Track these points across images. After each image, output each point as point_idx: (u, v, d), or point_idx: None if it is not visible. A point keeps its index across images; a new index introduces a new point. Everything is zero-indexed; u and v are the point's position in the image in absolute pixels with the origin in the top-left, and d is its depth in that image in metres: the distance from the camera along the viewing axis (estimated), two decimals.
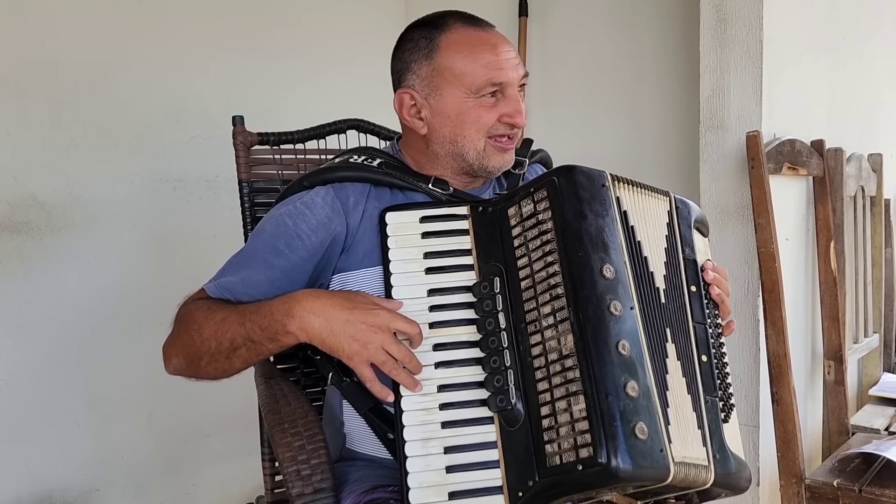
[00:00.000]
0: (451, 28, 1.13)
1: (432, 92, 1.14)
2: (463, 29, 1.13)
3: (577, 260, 0.95)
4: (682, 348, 1.00)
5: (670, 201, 1.10)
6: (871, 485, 1.57)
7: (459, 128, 1.14)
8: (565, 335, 0.92)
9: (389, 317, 0.98)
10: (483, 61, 1.11)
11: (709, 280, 1.10)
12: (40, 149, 1.91)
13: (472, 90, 1.11)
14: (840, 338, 1.93)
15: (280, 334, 1.00)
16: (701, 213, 1.16)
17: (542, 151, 1.36)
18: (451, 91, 1.12)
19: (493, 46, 1.12)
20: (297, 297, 1.01)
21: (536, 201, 1.01)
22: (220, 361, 1.06)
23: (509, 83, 1.12)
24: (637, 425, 0.88)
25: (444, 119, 1.14)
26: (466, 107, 1.12)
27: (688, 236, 1.10)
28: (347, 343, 0.97)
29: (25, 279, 1.89)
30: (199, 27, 2.19)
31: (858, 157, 2.10)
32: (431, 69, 1.13)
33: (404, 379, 0.97)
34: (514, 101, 1.13)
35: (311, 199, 1.14)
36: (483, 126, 1.13)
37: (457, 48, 1.12)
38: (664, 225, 1.07)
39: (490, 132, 1.13)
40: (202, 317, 1.07)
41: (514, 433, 0.94)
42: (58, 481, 1.96)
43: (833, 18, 2.08)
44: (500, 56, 1.12)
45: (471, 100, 1.12)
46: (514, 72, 1.13)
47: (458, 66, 1.11)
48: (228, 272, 1.12)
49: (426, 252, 1.06)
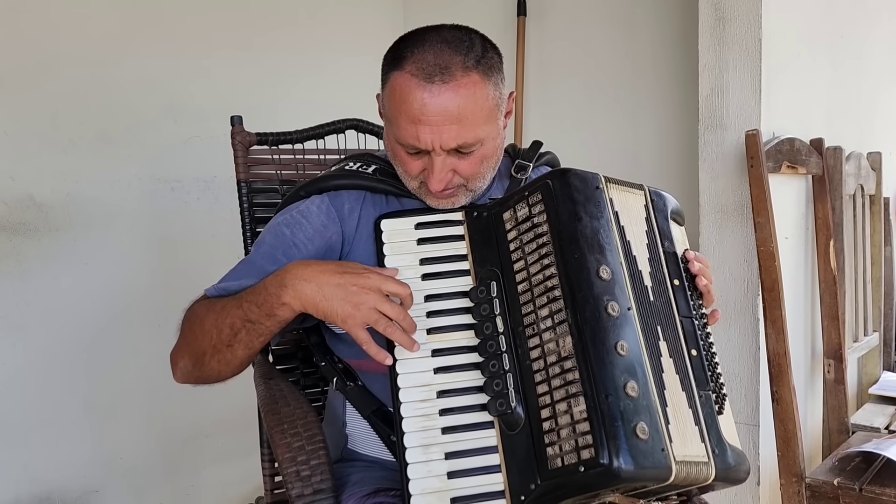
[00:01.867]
0: (402, 69, 1.05)
1: (384, 115, 1.12)
2: (408, 77, 1.04)
3: (574, 262, 0.94)
4: (672, 344, 1.00)
5: (646, 195, 1.09)
6: (872, 483, 1.57)
7: (394, 162, 1.13)
8: (564, 337, 0.92)
9: (380, 279, 0.98)
10: (406, 123, 1.05)
11: (695, 271, 1.09)
12: (38, 149, 1.90)
13: (398, 140, 1.08)
14: (840, 336, 1.93)
15: (276, 307, 0.99)
16: (676, 203, 1.14)
17: (549, 154, 1.33)
18: (389, 127, 1.10)
19: (420, 110, 1.03)
20: (288, 268, 1.01)
21: (531, 204, 1.00)
22: (222, 352, 1.05)
23: (429, 149, 1.05)
24: (638, 425, 0.87)
25: (387, 146, 1.13)
26: (396, 150, 1.10)
27: (665, 229, 1.09)
28: (340, 306, 0.96)
29: (23, 280, 1.88)
30: (197, 27, 2.19)
31: (857, 156, 2.10)
32: (383, 96, 1.11)
33: (399, 337, 0.97)
34: (434, 166, 1.06)
35: (307, 208, 1.15)
36: (409, 173, 1.10)
37: (392, 94, 1.06)
38: (643, 220, 1.07)
39: (419, 179, 1.10)
40: (203, 311, 1.07)
41: (514, 437, 0.94)
42: (57, 482, 1.95)
43: (831, 16, 2.08)
44: (422, 123, 1.03)
45: (399, 146, 1.09)
46: (437, 139, 1.04)
47: (391, 112, 1.07)
48: (229, 278, 1.12)
49: (422, 258, 1.06)
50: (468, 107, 1.04)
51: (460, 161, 1.08)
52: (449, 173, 1.08)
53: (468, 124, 1.04)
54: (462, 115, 1.03)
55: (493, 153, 1.11)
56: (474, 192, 1.13)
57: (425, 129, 1.04)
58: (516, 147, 1.31)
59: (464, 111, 1.03)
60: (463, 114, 1.03)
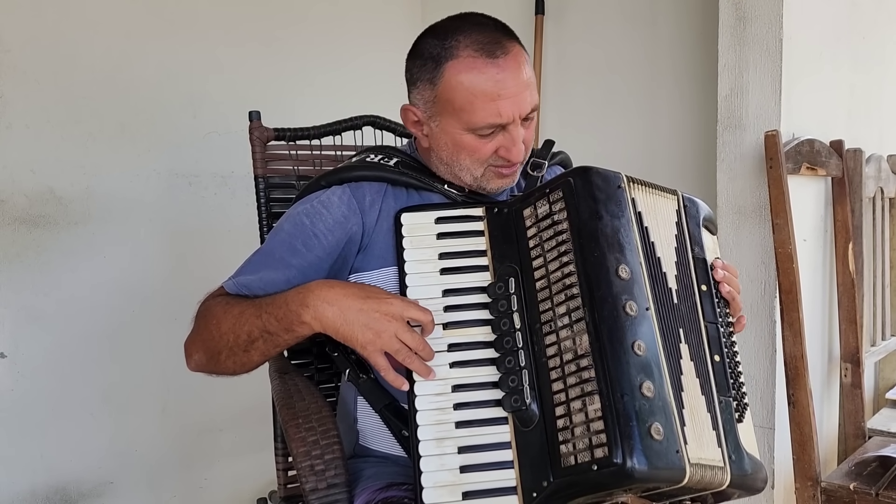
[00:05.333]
0: (458, 57, 1.06)
1: (433, 116, 1.12)
2: (471, 60, 1.06)
3: (593, 260, 0.94)
4: (694, 349, 1.00)
5: (678, 200, 1.09)
6: (889, 489, 1.55)
7: (456, 156, 1.13)
8: (580, 335, 0.92)
9: (402, 305, 0.99)
10: (484, 103, 1.06)
11: (718, 279, 1.09)
12: (58, 143, 1.92)
13: (469, 127, 1.09)
14: (857, 340, 1.91)
15: (295, 324, 1.00)
16: (709, 211, 1.15)
17: (562, 153, 1.34)
18: (450, 121, 1.10)
19: (498, 84, 1.06)
20: (312, 287, 1.01)
21: (552, 202, 1.00)
22: (238, 355, 1.06)
23: (510, 121, 1.08)
24: (653, 426, 0.87)
25: (443, 144, 1.13)
26: (464, 140, 1.10)
27: (696, 235, 1.09)
28: (361, 332, 0.97)
29: (42, 272, 1.90)
30: (217, 23, 2.20)
31: (878, 158, 2.08)
32: (433, 95, 1.10)
33: (418, 367, 0.97)
34: (513, 137, 1.09)
35: (328, 199, 1.14)
36: (479, 158, 1.11)
37: (459, 83, 1.06)
38: (673, 224, 1.07)
39: (488, 162, 1.12)
40: (220, 312, 1.07)
41: (528, 433, 0.94)
42: (72, 474, 1.97)
43: (853, 18, 2.06)
44: (502, 97, 1.06)
45: (469, 136, 1.09)
46: (517, 108, 1.07)
47: (458, 101, 1.07)
48: (247, 270, 1.12)
49: (441, 253, 1.06)
50: (528, 72, 1.10)
51: (527, 132, 1.12)
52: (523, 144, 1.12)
53: (533, 88, 1.10)
54: (529, 80, 1.09)
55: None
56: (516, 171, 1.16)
57: (506, 103, 1.06)
58: None
59: (529, 76, 1.09)
60: (529, 78, 1.09)
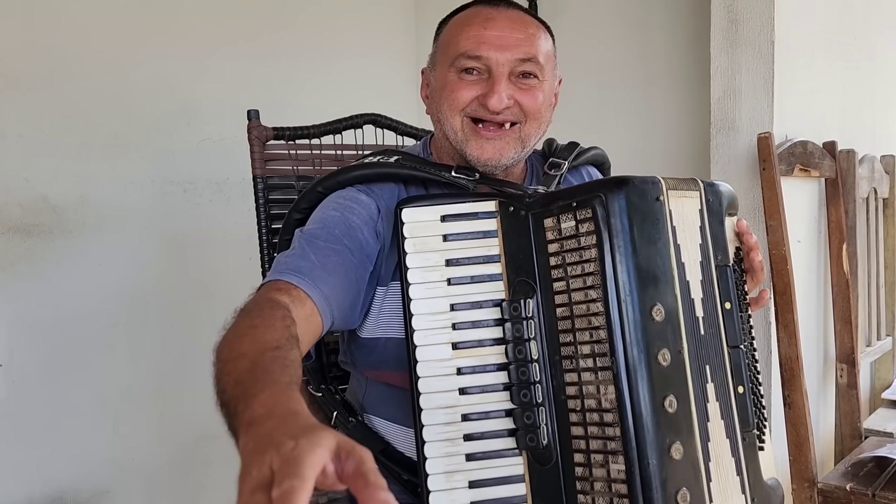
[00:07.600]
0: (467, 7, 1.07)
1: (433, 67, 1.10)
2: (475, 7, 1.06)
3: (624, 299, 0.85)
4: (719, 387, 0.92)
5: (700, 196, 0.96)
6: (885, 489, 1.56)
7: (440, 104, 1.06)
8: (606, 385, 0.85)
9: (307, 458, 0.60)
10: (468, 33, 1.03)
11: (751, 245, 1.02)
12: (52, 151, 1.91)
13: (451, 61, 1.03)
14: (853, 341, 1.92)
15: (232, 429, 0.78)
16: (730, 194, 1.02)
17: (594, 149, 1.24)
18: (441, 63, 1.06)
19: (486, 20, 1.02)
20: (273, 428, 0.66)
21: (579, 220, 0.88)
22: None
23: (492, 62, 1.02)
24: (680, 492, 0.82)
25: (434, 95, 1.08)
26: (447, 80, 1.04)
27: (719, 235, 0.97)
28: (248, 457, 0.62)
29: (37, 281, 1.90)
30: (209, 29, 2.19)
31: (871, 159, 2.09)
32: (437, 45, 1.10)
33: None
34: (494, 83, 1.02)
35: (354, 196, 1.05)
36: (456, 102, 1.03)
37: (454, 22, 1.07)
38: (697, 230, 0.94)
39: (467, 112, 1.04)
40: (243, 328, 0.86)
41: (544, 472, 0.89)
42: (69, 483, 1.96)
43: (845, 18, 2.07)
44: (487, 31, 1.02)
45: (452, 74, 1.04)
46: (500, 52, 1.01)
47: (448, 36, 1.06)
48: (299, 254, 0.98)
49: (448, 259, 0.94)
50: (531, 27, 1.05)
51: (522, 93, 1.04)
52: (510, 100, 1.03)
53: (532, 40, 1.04)
54: (526, 28, 1.04)
55: (548, 104, 1.08)
56: (523, 148, 1.07)
57: (490, 36, 1.01)
58: (553, 143, 1.24)
59: (528, 25, 1.05)
60: (527, 27, 1.04)
